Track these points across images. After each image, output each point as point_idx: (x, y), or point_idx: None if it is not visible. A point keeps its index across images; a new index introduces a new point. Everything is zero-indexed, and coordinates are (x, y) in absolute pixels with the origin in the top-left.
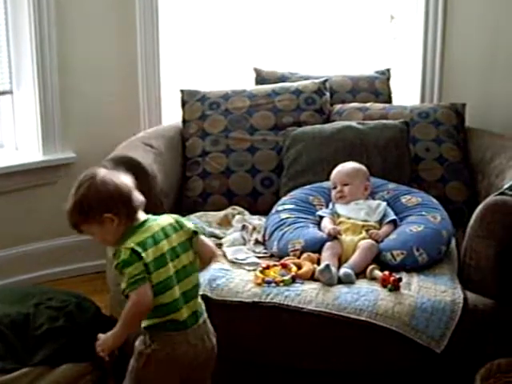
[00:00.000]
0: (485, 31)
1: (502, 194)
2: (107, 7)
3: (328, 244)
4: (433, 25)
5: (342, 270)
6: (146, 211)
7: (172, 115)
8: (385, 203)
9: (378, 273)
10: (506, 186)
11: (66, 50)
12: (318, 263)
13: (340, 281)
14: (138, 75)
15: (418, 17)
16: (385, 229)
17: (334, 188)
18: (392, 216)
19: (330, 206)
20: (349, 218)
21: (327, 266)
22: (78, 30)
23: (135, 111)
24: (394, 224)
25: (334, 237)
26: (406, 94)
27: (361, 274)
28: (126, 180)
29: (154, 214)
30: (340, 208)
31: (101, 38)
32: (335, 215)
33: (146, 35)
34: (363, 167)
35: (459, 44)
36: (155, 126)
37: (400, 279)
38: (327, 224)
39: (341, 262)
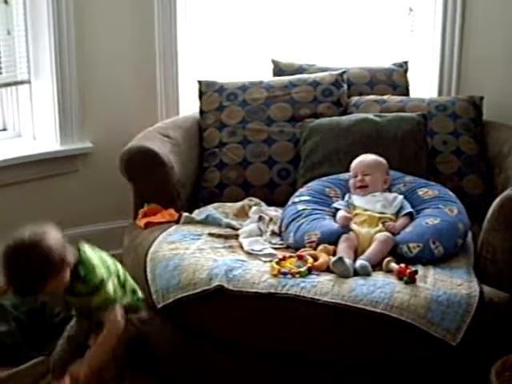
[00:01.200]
0: (504, 24)
1: None
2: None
3: (344, 236)
4: (451, 17)
5: (359, 262)
6: (163, 202)
7: (190, 106)
8: (401, 196)
9: (394, 265)
10: None
11: (83, 41)
12: (334, 255)
13: (356, 273)
14: (156, 66)
15: (437, 9)
16: (401, 221)
17: (355, 177)
18: (408, 208)
19: (346, 197)
20: (365, 210)
21: (340, 259)
22: (97, 20)
23: (153, 102)
24: (411, 216)
25: (349, 229)
26: (424, 86)
27: (377, 266)
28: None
29: (171, 204)
30: (357, 199)
31: (119, 28)
32: (351, 207)
33: (163, 26)
34: (384, 160)
35: (478, 37)
36: (173, 117)
37: (416, 272)
38: (341, 214)
39: (357, 254)
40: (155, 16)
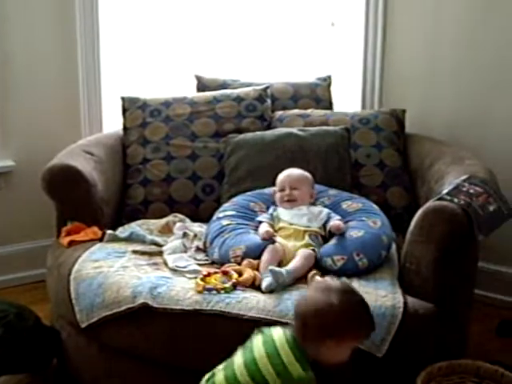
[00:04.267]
0: (425, 39)
1: (440, 199)
2: (46, 14)
3: (270, 247)
4: (373, 31)
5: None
6: (87, 219)
7: (113, 123)
8: (327, 210)
9: (318, 278)
10: (444, 192)
11: (3, 59)
12: (259, 269)
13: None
14: (79, 83)
15: (359, 23)
16: (338, 222)
17: (282, 191)
18: (337, 216)
19: (270, 210)
20: (291, 224)
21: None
22: (18, 36)
23: (76, 119)
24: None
25: (273, 241)
26: (347, 100)
27: (302, 279)
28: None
29: (95, 222)
30: (283, 213)
31: (40, 44)
32: (275, 220)
33: (86, 42)
34: (310, 175)
35: (399, 51)
36: (96, 134)
37: None
38: (263, 229)
39: (282, 266)
40: (77, 32)
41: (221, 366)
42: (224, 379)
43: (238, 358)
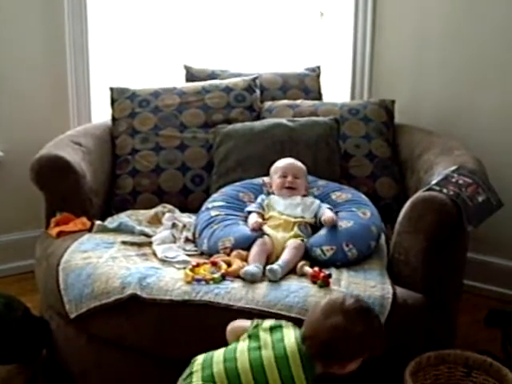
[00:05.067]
0: (413, 29)
1: (429, 189)
2: (33, 2)
3: (259, 240)
4: (362, 22)
5: (269, 266)
6: (76, 210)
7: (102, 113)
8: (318, 201)
9: (307, 269)
10: (433, 182)
11: None
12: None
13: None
14: (67, 73)
15: (348, 14)
16: (329, 212)
17: (283, 177)
18: (328, 205)
19: (259, 199)
20: (281, 214)
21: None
22: (5, 26)
23: (64, 109)
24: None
25: (262, 233)
26: (336, 91)
27: (291, 271)
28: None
29: (83, 213)
30: (277, 202)
31: (28, 34)
32: (266, 208)
33: (74, 32)
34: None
35: (388, 41)
36: (84, 124)
37: (330, 275)
38: (252, 219)
39: (271, 259)
40: (65, 22)
41: (201, 360)
42: (224, 371)
43: (243, 352)
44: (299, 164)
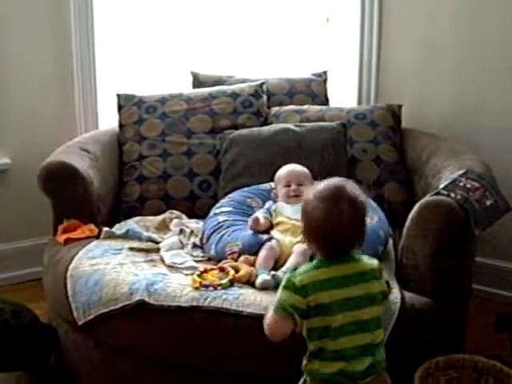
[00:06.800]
0: (420, 33)
1: (437, 194)
2: (40, 11)
3: (267, 244)
4: (368, 27)
5: (272, 272)
6: (83, 217)
7: (109, 120)
8: None
9: None
10: (441, 186)
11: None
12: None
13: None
14: (74, 80)
15: (354, 19)
16: None
17: (287, 186)
18: None
19: (267, 205)
20: (290, 219)
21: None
22: (13, 33)
23: (71, 116)
24: None
25: (270, 237)
26: (343, 95)
27: None
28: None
29: (91, 219)
30: (285, 208)
31: (36, 41)
32: (274, 214)
33: (81, 39)
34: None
35: (395, 46)
36: (92, 131)
37: None
38: (252, 216)
39: (279, 263)
40: (72, 30)
41: None
42: None
43: None
44: (300, 169)
